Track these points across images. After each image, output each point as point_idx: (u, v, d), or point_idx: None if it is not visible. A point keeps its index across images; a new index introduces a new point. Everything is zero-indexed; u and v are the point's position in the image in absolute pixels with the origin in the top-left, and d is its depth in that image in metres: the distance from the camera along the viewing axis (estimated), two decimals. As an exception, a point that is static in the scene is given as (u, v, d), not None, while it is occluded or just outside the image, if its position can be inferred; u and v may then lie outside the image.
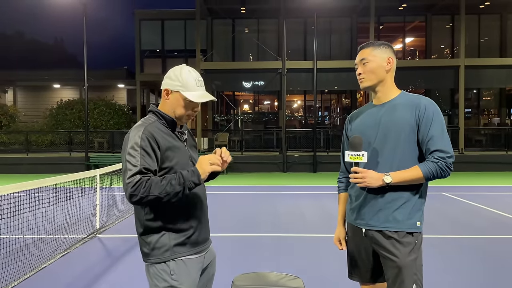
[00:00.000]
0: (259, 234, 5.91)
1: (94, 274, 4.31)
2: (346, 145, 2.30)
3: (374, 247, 2.07)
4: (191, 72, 1.93)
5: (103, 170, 6.27)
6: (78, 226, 6.17)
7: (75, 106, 19.31)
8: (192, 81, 1.91)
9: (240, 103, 22.71)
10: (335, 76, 16.99)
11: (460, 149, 15.51)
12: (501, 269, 4.39)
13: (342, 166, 2.36)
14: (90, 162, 14.54)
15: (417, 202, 2.03)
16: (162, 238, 1.85)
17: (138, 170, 1.74)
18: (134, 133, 1.82)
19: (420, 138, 2.00)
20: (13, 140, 17.85)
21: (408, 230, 1.99)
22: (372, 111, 2.12)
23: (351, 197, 2.20)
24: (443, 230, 6.03)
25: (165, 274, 1.85)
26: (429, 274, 4.17)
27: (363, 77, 2.09)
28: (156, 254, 1.86)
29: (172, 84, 1.91)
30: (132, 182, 1.72)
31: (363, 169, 2.00)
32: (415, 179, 1.96)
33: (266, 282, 2.01)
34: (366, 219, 2.08)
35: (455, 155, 2.00)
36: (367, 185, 1.99)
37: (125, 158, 1.78)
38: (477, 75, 16.58)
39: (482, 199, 8.52)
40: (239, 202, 8.43)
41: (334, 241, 2.33)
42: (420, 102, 2.02)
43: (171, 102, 1.93)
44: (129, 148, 1.78)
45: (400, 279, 1.94)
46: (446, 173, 1.96)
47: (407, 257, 1.96)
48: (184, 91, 1.90)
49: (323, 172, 14.39)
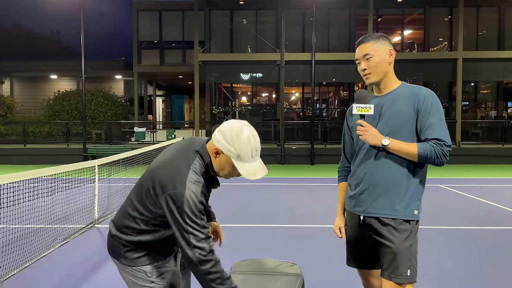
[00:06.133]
0: (257, 225, 5.95)
1: (93, 263, 4.35)
2: (347, 136, 2.32)
3: (371, 234, 2.10)
4: (250, 140, 1.73)
5: (101, 161, 6.28)
6: (77, 216, 6.20)
7: (73, 97, 19.24)
8: (248, 152, 1.72)
9: (238, 95, 22.67)
10: (333, 69, 16.99)
11: (457, 142, 15.57)
12: (495, 260, 4.45)
13: (343, 157, 2.38)
14: (88, 153, 14.54)
15: (415, 191, 2.06)
16: (142, 258, 1.87)
17: (207, 236, 1.70)
18: (195, 187, 1.70)
19: (419, 127, 2.02)
20: (11, 131, 17.81)
21: (405, 218, 2.03)
22: (373, 102, 2.13)
23: (351, 185, 2.23)
24: (439, 222, 6.09)
25: (143, 276, 1.87)
26: (424, 264, 4.23)
27: (369, 72, 2.07)
28: (131, 262, 1.88)
29: (226, 147, 1.73)
30: (206, 249, 1.66)
31: (368, 124, 2.04)
32: (410, 153, 1.99)
33: (263, 268, 2.05)
34: (364, 207, 2.11)
35: (452, 147, 2.02)
36: (365, 139, 2.03)
37: (189, 214, 1.67)
38: (475, 68, 16.59)
39: (478, 192, 8.59)
40: (236, 193, 8.47)
41: (334, 229, 2.36)
42: (420, 93, 2.04)
43: (219, 161, 1.78)
44: (193, 205, 1.67)
45: (395, 264, 1.98)
46: (440, 160, 1.97)
47: (403, 243, 1.99)
48: (237, 161, 1.73)
49: (320, 164, 14.43)
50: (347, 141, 2.33)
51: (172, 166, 1.75)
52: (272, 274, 1.99)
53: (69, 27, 32.11)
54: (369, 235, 2.12)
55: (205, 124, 18.42)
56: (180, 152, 1.82)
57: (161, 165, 1.80)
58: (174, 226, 1.69)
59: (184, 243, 1.67)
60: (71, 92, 19.83)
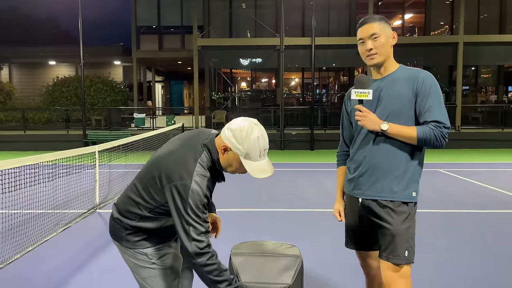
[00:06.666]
0: (257, 209, 6.00)
1: (95, 247, 4.40)
2: (345, 120, 2.33)
3: (369, 216, 2.13)
4: (259, 140, 1.74)
5: (102, 147, 6.30)
6: (78, 201, 6.25)
7: (71, 83, 19.15)
8: (257, 151, 1.74)
9: (237, 80, 22.58)
10: (333, 53, 16.86)
11: (457, 127, 15.57)
12: (493, 242, 4.50)
13: (341, 141, 2.40)
14: (88, 139, 14.55)
15: (413, 174, 2.08)
16: (143, 241, 1.90)
17: (206, 230, 1.73)
18: (200, 180, 1.72)
19: (418, 110, 2.02)
20: (10, 117, 17.79)
21: (403, 200, 2.05)
22: (372, 85, 2.13)
23: (350, 169, 2.25)
24: (438, 205, 6.13)
25: (145, 258, 1.90)
26: (422, 247, 4.28)
27: (375, 53, 2.05)
28: (132, 245, 1.90)
29: (235, 145, 1.74)
30: (204, 242, 1.70)
31: (367, 109, 2.04)
32: (409, 136, 2.00)
33: (263, 250, 2.08)
34: (363, 189, 2.14)
35: (451, 132, 2.03)
36: (364, 124, 2.04)
37: (192, 206, 1.69)
38: (475, 52, 16.48)
39: (478, 176, 8.63)
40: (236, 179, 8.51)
41: (334, 213, 2.39)
42: (419, 75, 2.04)
43: (227, 158, 1.79)
44: (197, 198, 1.70)
45: (393, 245, 2.01)
46: (440, 142, 1.98)
47: (401, 225, 2.02)
48: (245, 160, 1.75)
49: (320, 150, 14.47)
50: (346, 125, 2.34)
51: (179, 157, 1.76)
52: (271, 255, 2.02)
53: (66, 10, 31.57)
54: (368, 217, 2.14)
55: (205, 110, 18.38)
56: (188, 143, 1.83)
57: (169, 155, 1.80)
58: (176, 217, 1.71)
59: (184, 234, 1.70)
60: (70, 78, 19.74)
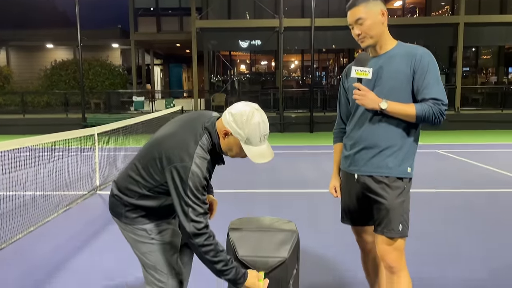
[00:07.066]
0: (256, 190, 6.06)
1: (95, 227, 4.46)
2: (342, 97, 2.33)
3: (365, 192, 2.16)
4: (260, 125, 1.76)
5: (101, 129, 6.31)
6: (79, 183, 6.30)
7: (70, 67, 19.05)
8: (257, 136, 1.76)
9: (236, 63, 22.43)
10: (333, 35, 16.71)
11: (456, 108, 15.55)
12: (491, 221, 4.56)
13: (338, 118, 2.41)
14: (87, 123, 14.55)
15: (409, 150, 2.09)
16: (142, 218, 1.92)
17: (205, 211, 1.75)
18: (201, 162, 1.74)
19: (415, 88, 2.03)
20: (9, 101, 17.75)
21: (398, 176, 2.07)
22: (369, 63, 2.13)
23: (346, 146, 2.26)
24: (435, 185, 6.18)
25: (144, 233, 1.93)
26: (418, 224, 4.34)
27: (363, 36, 2.05)
28: (132, 221, 1.93)
29: (236, 130, 1.75)
30: (202, 223, 1.72)
31: (365, 88, 2.04)
32: (407, 114, 2.01)
33: (260, 225, 2.11)
34: (359, 166, 2.16)
35: (451, 113, 2.04)
36: (363, 103, 2.04)
37: (192, 187, 1.71)
38: (476, 33, 16.34)
39: (476, 156, 8.67)
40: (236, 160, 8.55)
41: (329, 189, 2.42)
42: (417, 52, 2.03)
43: (228, 142, 1.80)
44: (197, 180, 1.71)
45: (387, 219, 2.05)
46: (438, 119, 1.99)
47: (396, 199, 2.05)
48: (245, 145, 1.77)
49: (319, 132, 14.49)
50: (343, 102, 2.35)
51: (180, 138, 1.78)
52: (268, 230, 2.06)
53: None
54: (363, 193, 2.17)
55: (204, 93, 18.32)
56: (189, 125, 1.84)
57: (169, 136, 1.81)
58: (175, 197, 1.74)
59: (182, 214, 1.73)
60: (68, 62, 19.62)
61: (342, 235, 4.01)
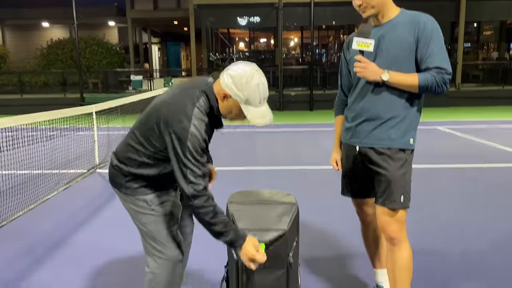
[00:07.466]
0: (255, 167, 6.05)
1: (95, 205, 4.47)
2: (343, 68, 2.29)
3: (366, 164, 2.13)
4: (260, 87, 1.75)
5: (99, 107, 6.26)
6: (78, 161, 6.29)
7: (66, 46, 18.80)
8: (257, 97, 1.75)
9: (235, 41, 22.18)
10: (333, 11, 16.42)
11: (457, 84, 15.43)
12: (493, 194, 4.57)
13: (339, 90, 2.37)
14: (85, 102, 14.46)
15: (412, 121, 2.06)
16: (143, 188, 1.92)
17: (203, 173, 1.75)
18: (199, 124, 1.73)
19: (419, 56, 1.98)
20: (6, 81, 17.59)
21: (400, 147, 2.04)
22: (372, 32, 2.07)
23: (347, 118, 2.23)
24: (436, 161, 6.17)
25: (144, 204, 1.93)
26: (422, 200, 4.35)
27: (365, 6, 2.00)
28: (132, 191, 1.93)
29: (235, 92, 1.74)
30: (201, 185, 1.72)
31: (366, 60, 2.00)
32: (410, 85, 1.97)
33: (260, 198, 2.10)
34: (360, 138, 2.13)
35: (451, 90, 1.99)
36: (364, 76, 2.00)
37: (191, 149, 1.70)
38: (478, 7, 16.05)
39: (477, 132, 8.64)
40: (236, 139, 8.52)
41: (331, 162, 2.40)
42: (420, 20, 1.97)
43: (227, 105, 1.79)
44: (195, 141, 1.71)
45: (389, 191, 2.03)
46: (441, 88, 1.95)
47: (397, 171, 2.02)
48: (245, 106, 1.76)
49: (319, 110, 14.41)
50: (344, 73, 2.30)
51: (177, 102, 1.77)
52: (268, 203, 2.04)
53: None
54: (365, 165, 2.15)
55: (203, 71, 18.15)
56: (185, 90, 1.83)
57: (167, 102, 1.80)
58: (174, 159, 1.74)
59: (181, 176, 1.72)
60: (64, 40, 19.36)
61: (342, 209, 4.02)
